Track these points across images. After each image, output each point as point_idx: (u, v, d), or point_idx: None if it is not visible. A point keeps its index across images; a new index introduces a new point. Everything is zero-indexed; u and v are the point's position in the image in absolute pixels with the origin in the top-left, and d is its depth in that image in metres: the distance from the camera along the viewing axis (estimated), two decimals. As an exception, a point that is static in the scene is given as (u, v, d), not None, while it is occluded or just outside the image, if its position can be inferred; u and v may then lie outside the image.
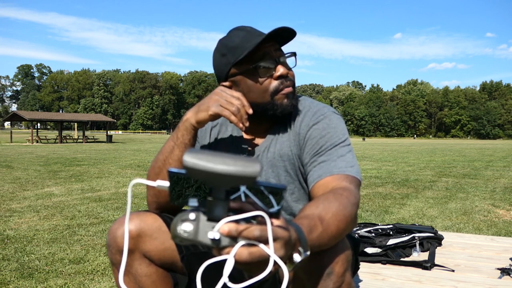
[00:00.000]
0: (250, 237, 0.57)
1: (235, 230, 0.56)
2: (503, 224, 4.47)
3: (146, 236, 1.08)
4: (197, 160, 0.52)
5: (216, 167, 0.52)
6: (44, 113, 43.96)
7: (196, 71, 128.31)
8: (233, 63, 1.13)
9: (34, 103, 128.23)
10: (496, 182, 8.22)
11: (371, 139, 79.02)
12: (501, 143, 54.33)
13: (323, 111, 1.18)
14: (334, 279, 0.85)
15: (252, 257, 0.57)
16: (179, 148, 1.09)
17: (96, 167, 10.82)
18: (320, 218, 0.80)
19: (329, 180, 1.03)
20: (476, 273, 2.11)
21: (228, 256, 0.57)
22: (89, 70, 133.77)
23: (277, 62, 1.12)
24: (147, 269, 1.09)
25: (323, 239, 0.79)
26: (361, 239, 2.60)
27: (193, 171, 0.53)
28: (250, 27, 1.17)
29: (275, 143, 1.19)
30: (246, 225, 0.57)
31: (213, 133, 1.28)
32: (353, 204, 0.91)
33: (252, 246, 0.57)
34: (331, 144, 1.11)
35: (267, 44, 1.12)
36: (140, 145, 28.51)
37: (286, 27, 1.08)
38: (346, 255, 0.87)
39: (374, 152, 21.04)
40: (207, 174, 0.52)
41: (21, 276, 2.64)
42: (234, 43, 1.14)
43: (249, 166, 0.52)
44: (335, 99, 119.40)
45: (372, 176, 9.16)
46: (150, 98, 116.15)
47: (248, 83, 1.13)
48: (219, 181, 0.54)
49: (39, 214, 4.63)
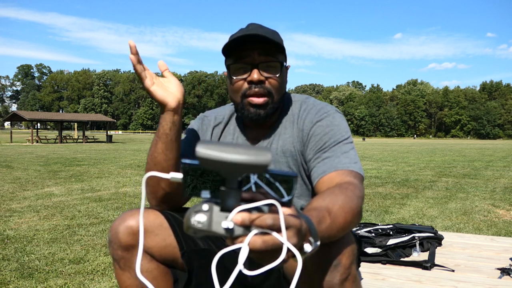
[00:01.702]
0: (263, 226, 0.57)
1: (248, 219, 0.57)
2: (503, 224, 4.47)
3: (147, 232, 1.09)
4: (210, 151, 0.53)
5: (229, 156, 0.53)
6: (44, 113, 43.92)
7: (196, 71, 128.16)
8: (223, 53, 1.16)
9: (34, 103, 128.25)
10: (496, 182, 8.22)
11: (371, 139, 79.02)
12: (501, 143, 54.33)
13: (326, 109, 1.20)
14: (341, 271, 0.85)
15: (266, 245, 0.57)
16: (161, 140, 1.09)
17: (96, 167, 10.82)
18: (328, 210, 0.81)
19: (334, 175, 1.05)
20: (476, 273, 2.11)
21: (243, 245, 0.58)
22: (89, 70, 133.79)
23: (252, 66, 1.11)
24: (148, 265, 1.11)
25: (332, 231, 0.80)
26: (361, 239, 2.60)
27: (206, 161, 0.54)
28: (260, 26, 1.17)
29: (278, 139, 1.21)
30: (259, 214, 0.58)
31: (215, 132, 1.29)
32: (358, 197, 0.92)
33: (265, 234, 0.58)
34: (335, 141, 1.12)
35: (251, 46, 1.11)
36: (140, 145, 28.52)
37: (253, 35, 1.07)
38: (352, 248, 0.89)
39: (374, 152, 21.04)
40: (220, 163, 0.53)
41: (21, 276, 2.64)
42: (234, 34, 1.16)
43: (261, 155, 0.54)
44: (335, 99, 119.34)
45: (372, 176, 9.16)
46: (150, 98, 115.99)
47: (228, 79, 1.19)
48: (232, 170, 0.55)
49: (39, 214, 4.63)
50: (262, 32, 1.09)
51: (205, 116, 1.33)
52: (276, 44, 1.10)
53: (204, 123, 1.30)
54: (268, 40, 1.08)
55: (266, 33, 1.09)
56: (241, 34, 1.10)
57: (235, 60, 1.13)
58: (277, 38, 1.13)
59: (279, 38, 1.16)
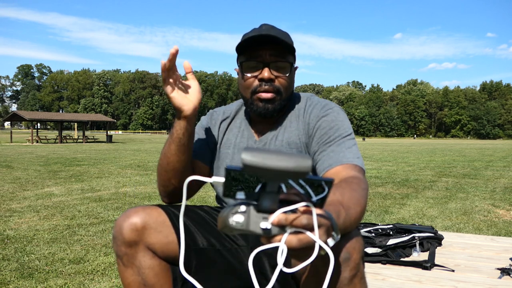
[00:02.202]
0: (298, 225, 0.61)
1: (285, 219, 0.61)
2: (503, 224, 4.47)
3: (151, 229, 1.11)
4: (256, 158, 0.57)
5: (273, 163, 0.57)
6: (44, 113, 43.89)
7: (196, 71, 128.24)
8: (236, 51, 1.21)
9: (34, 103, 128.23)
10: (496, 182, 8.22)
11: (371, 139, 79.00)
12: (501, 143, 54.33)
13: (331, 105, 1.26)
14: (352, 265, 0.86)
15: (301, 243, 0.61)
16: (174, 143, 1.16)
17: (96, 167, 10.82)
18: (341, 204, 0.85)
19: (340, 169, 1.09)
20: (476, 273, 2.11)
21: (280, 243, 0.61)
22: (89, 70, 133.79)
23: (264, 65, 1.17)
24: (151, 261, 1.12)
25: (347, 223, 0.84)
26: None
27: (251, 168, 0.57)
28: (273, 27, 1.22)
29: (283, 132, 1.26)
30: (295, 215, 0.62)
31: (222, 126, 1.35)
32: (363, 189, 0.97)
33: (299, 233, 0.62)
34: (339, 135, 1.18)
35: (262, 46, 1.17)
36: (140, 145, 28.51)
37: (266, 35, 1.13)
38: (360, 243, 0.90)
39: (374, 152, 21.04)
40: (264, 170, 0.57)
41: (21, 276, 2.64)
42: (247, 33, 1.22)
43: (302, 162, 0.57)
44: (335, 99, 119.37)
45: (372, 176, 9.16)
46: (150, 98, 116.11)
47: (239, 75, 1.25)
48: (274, 176, 0.59)
49: (39, 214, 4.63)
50: (274, 33, 1.14)
51: (214, 111, 1.40)
52: (287, 46, 1.16)
53: (213, 118, 1.38)
54: (280, 41, 1.14)
55: (278, 34, 1.14)
56: (254, 34, 1.15)
57: (247, 58, 1.19)
58: (288, 40, 1.19)
59: (290, 40, 1.21)
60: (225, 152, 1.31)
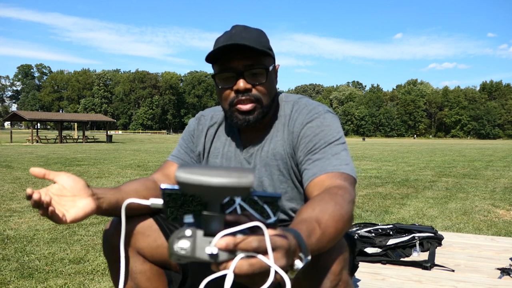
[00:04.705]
0: (248, 249, 0.55)
1: (233, 243, 0.55)
2: (503, 224, 4.47)
3: (139, 233, 1.10)
4: (190, 175, 0.52)
5: (210, 180, 0.51)
6: (44, 113, 43.89)
7: (196, 71, 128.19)
8: (207, 61, 1.13)
9: (34, 103, 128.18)
10: (496, 182, 8.21)
11: (371, 139, 79.02)
12: (501, 143, 54.33)
13: (317, 109, 1.17)
14: (331, 278, 0.85)
15: (253, 268, 0.55)
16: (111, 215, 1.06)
17: (96, 167, 10.82)
18: (317, 221, 0.79)
19: (324, 178, 1.02)
20: (476, 273, 2.11)
21: (228, 271, 0.55)
22: (89, 70, 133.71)
23: (238, 75, 1.10)
24: (142, 266, 1.11)
25: (322, 242, 0.78)
26: (361, 239, 2.60)
27: (187, 186, 0.52)
28: (244, 28, 1.14)
29: (270, 142, 1.20)
30: (243, 237, 0.56)
31: (209, 133, 1.29)
32: (348, 202, 0.89)
33: (252, 257, 0.56)
34: (325, 142, 1.10)
35: (234, 54, 1.09)
36: (140, 145, 28.51)
37: (235, 44, 1.05)
38: (342, 253, 0.87)
39: (374, 152, 21.04)
40: (201, 188, 0.52)
41: (21, 276, 2.64)
42: (218, 39, 1.14)
43: (243, 177, 0.52)
44: (335, 99, 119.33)
45: (372, 176, 9.16)
46: (150, 98, 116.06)
47: (216, 87, 1.17)
48: (213, 194, 0.53)
49: (39, 214, 4.62)
50: (245, 37, 1.07)
51: (202, 115, 1.34)
52: (259, 51, 1.08)
53: (201, 123, 1.32)
54: (251, 48, 1.06)
55: (249, 39, 1.07)
56: (223, 42, 1.08)
57: (220, 70, 1.11)
58: (261, 42, 1.10)
59: (263, 41, 1.12)
60: (213, 162, 1.26)
